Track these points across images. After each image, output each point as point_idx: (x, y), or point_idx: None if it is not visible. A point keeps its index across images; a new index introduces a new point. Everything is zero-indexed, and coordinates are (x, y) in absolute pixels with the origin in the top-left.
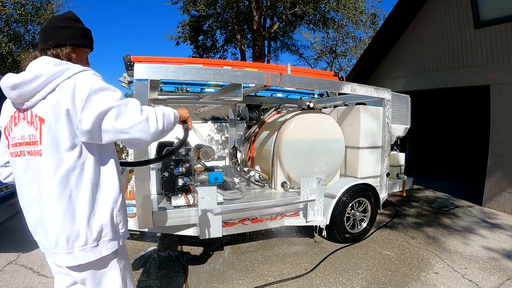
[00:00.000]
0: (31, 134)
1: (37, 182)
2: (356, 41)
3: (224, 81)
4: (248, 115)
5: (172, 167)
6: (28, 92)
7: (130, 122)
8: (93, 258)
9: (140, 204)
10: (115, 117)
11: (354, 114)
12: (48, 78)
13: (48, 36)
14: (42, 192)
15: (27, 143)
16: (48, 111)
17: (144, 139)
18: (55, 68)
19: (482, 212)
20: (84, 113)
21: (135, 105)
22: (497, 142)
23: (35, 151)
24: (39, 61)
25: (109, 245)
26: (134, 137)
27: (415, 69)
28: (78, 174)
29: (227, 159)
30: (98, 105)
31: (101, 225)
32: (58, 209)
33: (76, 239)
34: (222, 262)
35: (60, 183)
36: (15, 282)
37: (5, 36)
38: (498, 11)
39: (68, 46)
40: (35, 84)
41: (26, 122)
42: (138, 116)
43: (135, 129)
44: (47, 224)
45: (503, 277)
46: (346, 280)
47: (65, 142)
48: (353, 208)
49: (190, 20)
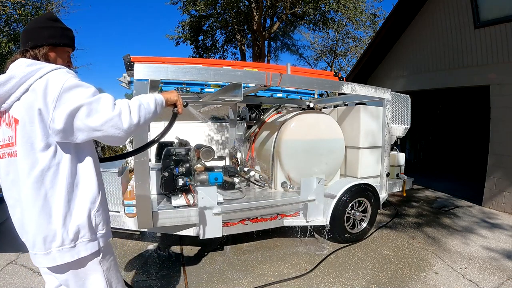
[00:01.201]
0: (10, 136)
1: (17, 183)
2: (356, 41)
3: (224, 81)
4: (248, 115)
5: (172, 167)
6: (3, 94)
7: (101, 119)
8: (71, 259)
9: (140, 204)
10: (86, 114)
11: (354, 114)
12: (20, 79)
13: (27, 37)
14: (20, 193)
15: (7, 145)
16: (22, 112)
17: (118, 135)
18: (27, 69)
19: (482, 212)
20: (56, 112)
21: (107, 100)
22: (497, 142)
23: (12, 152)
24: (15, 63)
25: (88, 246)
26: (107, 134)
27: (415, 69)
28: (53, 174)
29: (227, 159)
30: (70, 103)
31: (78, 225)
32: (34, 209)
33: (53, 240)
34: (222, 262)
35: (35, 183)
36: (15, 282)
37: (5, 36)
38: (498, 11)
39: (46, 46)
40: (9, 86)
41: (5, 124)
42: (110, 112)
43: (108, 126)
44: (26, 224)
45: (503, 277)
46: (346, 280)
47: (39, 142)
48: (353, 208)
49: (190, 20)
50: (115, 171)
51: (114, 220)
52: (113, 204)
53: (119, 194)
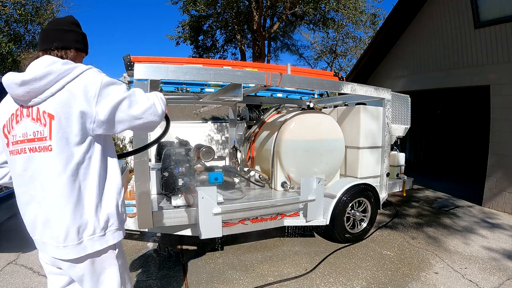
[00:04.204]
0: (36, 131)
1: (38, 178)
2: (356, 41)
3: (224, 81)
4: (248, 115)
5: (172, 167)
6: (38, 89)
7: (142, 108)
8: (100, 247)
9: (140, 204)
10: (128, 106)
11: (354, 114)
12: (58, 75)
13: (53, 37)
14: (49, 187)
15: (30, 139)
16: (57, 108)
17: (155, 121)
18: (63, 67)
19: (482, 212)
20: (99, 106)
21: (141, 93)
22: (497, 142)
23: (42, 147)
24: (44, 59)
25: (115, 234)
26: (147, 120)
27: (415, 69)
28: (86, 167)
29: (227, 159)
30: (111, 98)
31: (108, 214)
32: (69, 201)
33: (85, 229)
34: (222, 262)
35: (71, 176)
36: (15, 282)
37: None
38: (498, 11)
39: (73, 49)
40: (45, 81)
41: (30, 119)
42: (147, 102)
43: (147, 113)
44: (55, 218)
45: (503, 277)
46: (346, 280)
47: (74, 137)
48: (353, 208)
49: (190, 20)
50: None
51: None
52: None
53: None
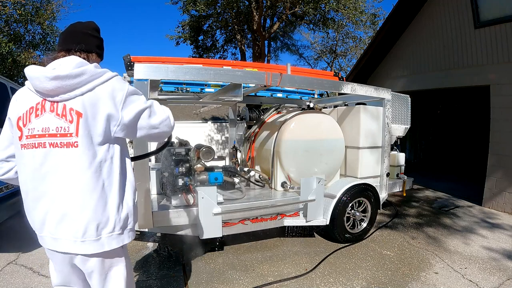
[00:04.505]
0: (59, 126)
1: (56, 174)
2: (356, 41)
3: (224, 81)
4: (248, 115)
5: (172, 167)
6: (69, 86)
7: (159, 119)
8: (117, 245)
9: (140, 204)
10: (148, 115)
11: (354, 114)
12: (90, 76)
13: (78, 39)
14: (71, 182)
15: (52, 135)
16: (86, 106)
17: (168, 132)
18: (95, 70)
19: (482, 212)
20: (124, 111)
21: (159, 105)
22: (497, 142)
23: (65, 143)
24: (73, 59)
25: (130, 234)
26: (162, 131)
27: (415, 69)
28: (109, 166)
29: (227, 159)
30: (136, 105)
31: (127, 213)
32: (92, 197)
33: (105, 226)
34: (222, 262)
35: (95, 173)
36: (15, 282)
37: (5, 36)
38: (498, 11)
39: (94, 53)
40: (78, 80)
41: (55, 114)
42: (164, 114)
43: (163, 124)
44: (75, 213)
45: (503, 277)
46: (346, 280)
47: (97, 137)
48: (353, 208)
49: (190, 20)
50: None
51: None
52: None
53: None
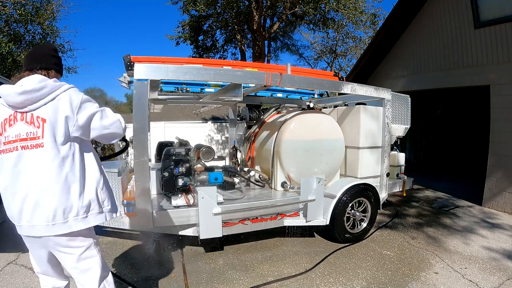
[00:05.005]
0: (29, 132)
1: (27, 171)
2: (356, 41)
3: (224, 81)
4: (248, 115)
5: (172, 167)
6: (34, 98)
7: (110, 121)
8: (83, 227)
9: (140, 204)
10: (100, 118)
11: (354, 114)
12: (51, 89)
13: (39, 60)
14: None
15: (23, 139)
16: (49, 113)
17: (119, 133)
18: (54, 83)
19: (482, 212)
20: (79, 115)
21: (110, 111)
22: (497, 142)
23: (34, 144)
24: (36, 77)
25: (97, 217)
26: (113, 132)
27: (415, 69)
28: (71, 161)
29: (227, 159)
30: (88, 110)
31: (90, 200)
32: (57, 188)
33: (70, 211)
34: (222, 262)
35: (59, 168)
36: (15, 282)
37: (5, 36)
38: (498, 11)
39: (53, 70)
40: (41, 92)
41: (24, 122)
42: (114, 117)
43: (114, 126)
44: (45, 201)
45: (503, 277)
46: (346, 280)
47: (60, 137)
48: (353, 208)
49: (190, 20)
50: (115, 171)
51: (114, 220)
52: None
53: (119, 194)
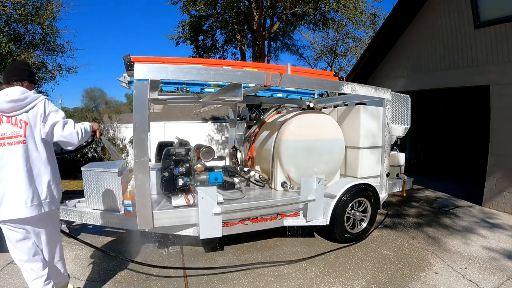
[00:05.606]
0: (14, 131)
1: (10, 163)
2: (356, 41)
3: (224, 81)
4: (248, 115)
5: (172, 167)
6: (19, 106)
7: (68, 131)
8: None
9: (140, 204)
10: (61, 127)
11: (354, 114)
12: (31, 99)
13: (13, 73)
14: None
15: (9, 137)
16: (29, 118)
17: (74, 142)
18: (34, 94)
19: (482, 212)
20: (46, 122)
21: (71, 122)
22: (497, 142)
23: (17, 141)
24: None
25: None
26: (69, 140)
27: (415, 69)
28: (44, 156)
29: (227, 159)
30: (53, 119)
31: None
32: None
33: (41, 195)
34: (222, 262)
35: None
36: (15, 282)
37: (5, 36)
38: (498, 11)
39: (26, 81)
40: (25, 102)
41: (10, 124)
42: (73, 129)
43: (70, 136)
44: (20, 187)
45: (503, 277)
46: (346, 280)
47: (38, 137)
48: (353, 208)
49: (190, 20)
50: (115, 171)
51: (114, 220)
52: (113, 204)
53: (119, 194)
